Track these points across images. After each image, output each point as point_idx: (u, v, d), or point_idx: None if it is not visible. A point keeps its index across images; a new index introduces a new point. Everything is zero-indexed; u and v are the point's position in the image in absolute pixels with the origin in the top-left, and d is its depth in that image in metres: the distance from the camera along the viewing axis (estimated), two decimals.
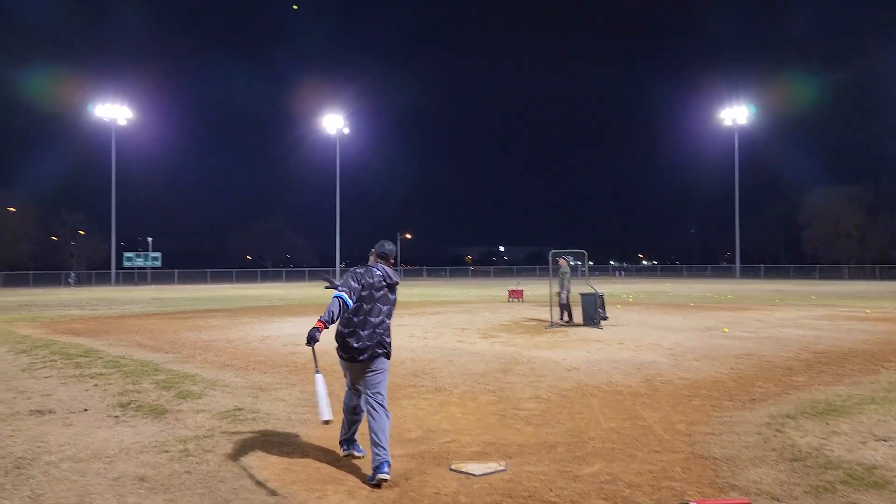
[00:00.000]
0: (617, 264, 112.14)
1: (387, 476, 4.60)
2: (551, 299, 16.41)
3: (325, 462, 5.11)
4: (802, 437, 5.60)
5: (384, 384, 5.09)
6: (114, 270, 68.13)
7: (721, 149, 77.79)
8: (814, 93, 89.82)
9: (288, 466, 4.99)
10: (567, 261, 16.78)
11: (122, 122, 68.17)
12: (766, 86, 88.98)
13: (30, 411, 6.83)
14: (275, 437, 5.82)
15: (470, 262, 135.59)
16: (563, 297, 15.98)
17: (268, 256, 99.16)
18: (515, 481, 4.62)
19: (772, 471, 4.75)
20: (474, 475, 4.73)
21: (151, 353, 11.47)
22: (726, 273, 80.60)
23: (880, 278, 61.67)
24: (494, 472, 4.80)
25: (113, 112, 67.32)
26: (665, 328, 15.02)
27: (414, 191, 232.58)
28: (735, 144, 72.19)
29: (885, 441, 5.46)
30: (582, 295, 15.63)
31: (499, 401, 7.33)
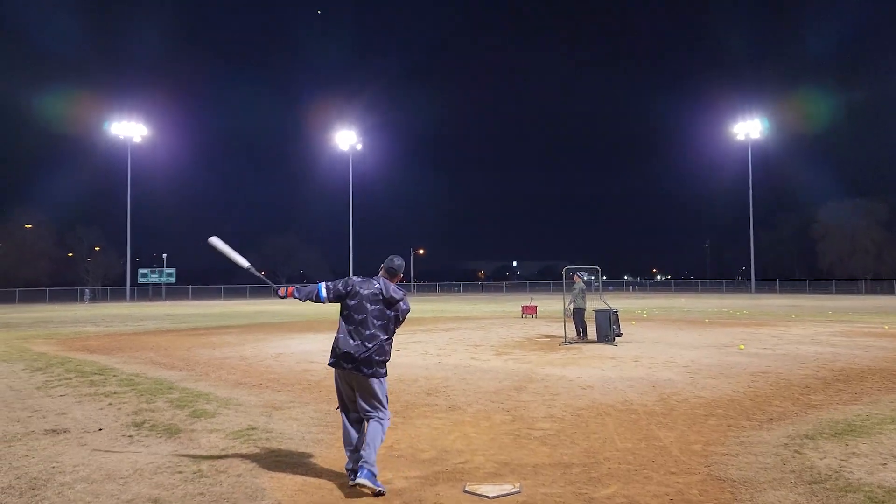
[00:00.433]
0: (631, 279, 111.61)
1: (362, 482, 4.68)
2: (565, 316, 16.34)
3: (338, 484, 5.07)
4: (821, 459, 5.52)
5: (378, 403, 5.05)
6: (129, 286, 68.59)
7: (734, 163, 77.70)
8: (827, 106, 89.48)
9: (301, 488, 4.96)
10: (581, 277, 16.71)
11: (137, 140, 68.92)
12: (779, 99, 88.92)
13: (45, 431, 6.86)
14: (288, 457, 5.80)
15: (483, 277, 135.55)
16: (576, 312, 15.89)
17: (282, 272, 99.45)
18: None
19: (791, 493, 4.68)
20: (489, 497, 4.69)
21: (165, 370, 11.51)
22: (741, 288, 79.98)
23: None
24: (509, 494, 4.76)
25: (129, 129, 68.07)
26: (680, 345, 14.90)
27: (427, 206, 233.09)
28: (749, 158, 71.98)
29: None
30: (596, 311, 15.55)
31: (513, 420, 7.28)
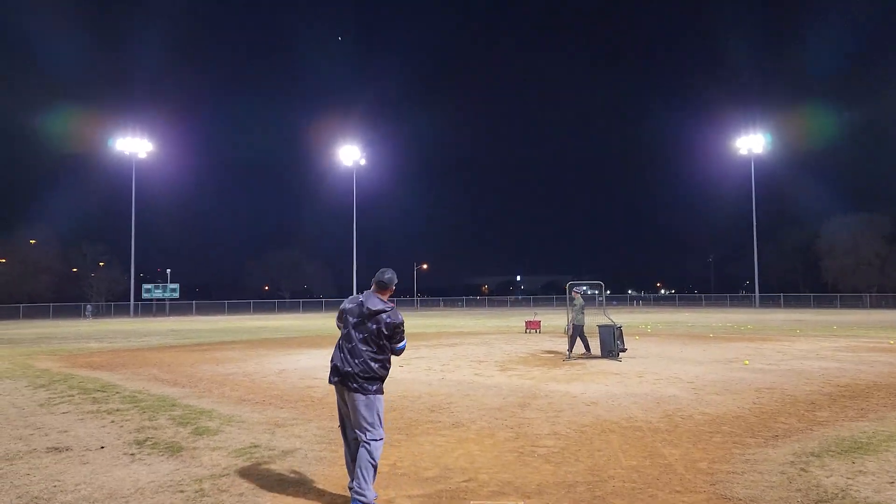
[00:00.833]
0: (635, 293, 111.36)
1: None
2: (568, 332, 16.27)
3: (341, 503, 5.05)
4: (828, 477, 5.48)
5: (366, 423, 4.89)
6: (132, 302, 68.62)
7: (738, 177, 77.85)
8: (831, 121, 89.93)
9: None
10: (581, 292, 16.65)
11: (142, 156, 69.27)
12: (782, 115, 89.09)
13: (47, 449, 6.84)
14: (291, 475, 5.77)
15: (487, 292, 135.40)
16: (575, 328, 15.88)
17: (285, 287, 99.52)
18: None
19: None
20: None
21: (169, 387, 11.48)
22: (745, 302, 79.77)
23: None
24: None
25: (133, 146, 68.44)
26: (685, 360, 14.84)
27: (431, 221, 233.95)
28: (752, 173, 72.05)
29: None
30: (600, 327, 15.51)
31: (517, 437, 7.25)
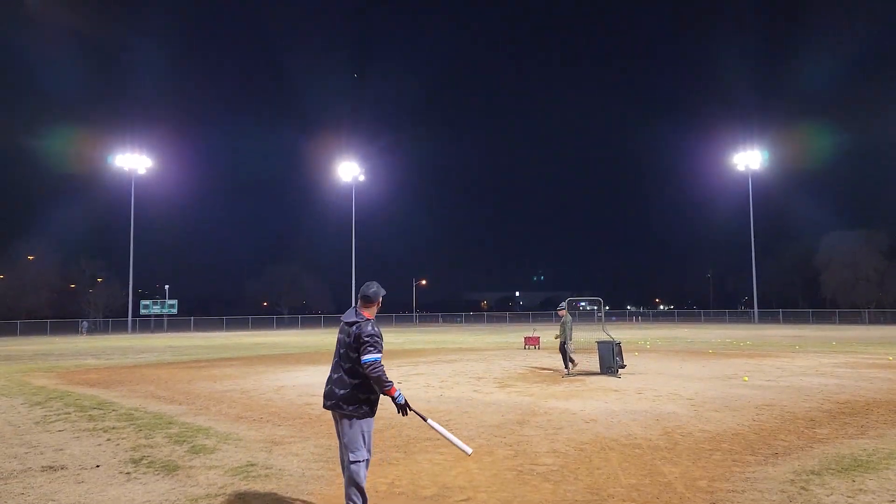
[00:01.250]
0: (634, 309, 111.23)
1: None
2: (568, 348, 16.23)
3: None
4: (828, 496, 5.44)
5: (350, 443, 4.81)
6: (130, 318, 68.44)
7: (736, 194, 77.97)
8: (828, 138, 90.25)
9: None
10: (563, 308, 16.59)
11: (141, 172, 69.28)
12: (780, 131, 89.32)
13: (42, 467, 6.79)
14: (287, 494, 5.72)
15: (486, 307, 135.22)
16: (570, 346, 15.88)
17: (284, 302, 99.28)
18: None
19: None
20: None
21: (165, 404, 11.42)
22: (744, 318, 79.64)
23: None
24: None
25: (132, 161, 68.51)
26: (684, 377, 14.80)
27: (430, 237, 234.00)
28: (749, 189, 72.25)
29: None
30: (599, 343, 15.47)
31: (516, 455, 7.20)
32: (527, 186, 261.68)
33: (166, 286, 77.29)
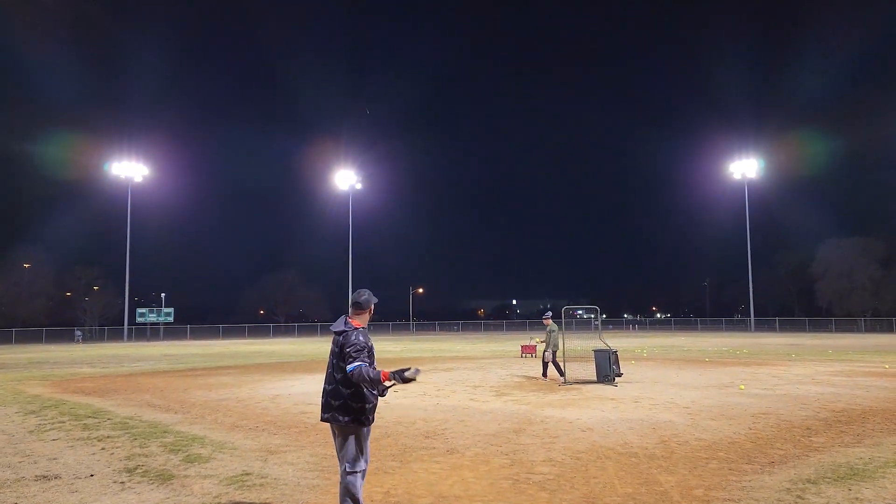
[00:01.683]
0: (630, 317, 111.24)
1: None
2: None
3: None
4: None
5: (344, 454, 4.79)
6: (126, 326, 68.24)
7: (733, 202, 78.22)
8: (824, 146, 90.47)
9: None
10: (549, 317, 16.60)
11: (137, 180, 69.25)
12: (776, 140, 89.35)
13: (35, 477, 6.75)
14: (283, 503, 5.70)
15: (483, 316, 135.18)
16: (547, 355, 15.95)
17: (280, 310, 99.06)
18: None
19: None
20: None
21: (161, 413, 11.38)
22: (741, 326, 79.74)
23: None
24: None
25: (129, 169, 68.47)
26: (681, 385, 14.79)
27: (426, 245, 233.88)
28: (745, 197, 72.47)
29: None
30: (595, 351, 15.47)
31: (512, 464, 7.19)
32: (524, 195, 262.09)
33: (163, 294, 77.22)
